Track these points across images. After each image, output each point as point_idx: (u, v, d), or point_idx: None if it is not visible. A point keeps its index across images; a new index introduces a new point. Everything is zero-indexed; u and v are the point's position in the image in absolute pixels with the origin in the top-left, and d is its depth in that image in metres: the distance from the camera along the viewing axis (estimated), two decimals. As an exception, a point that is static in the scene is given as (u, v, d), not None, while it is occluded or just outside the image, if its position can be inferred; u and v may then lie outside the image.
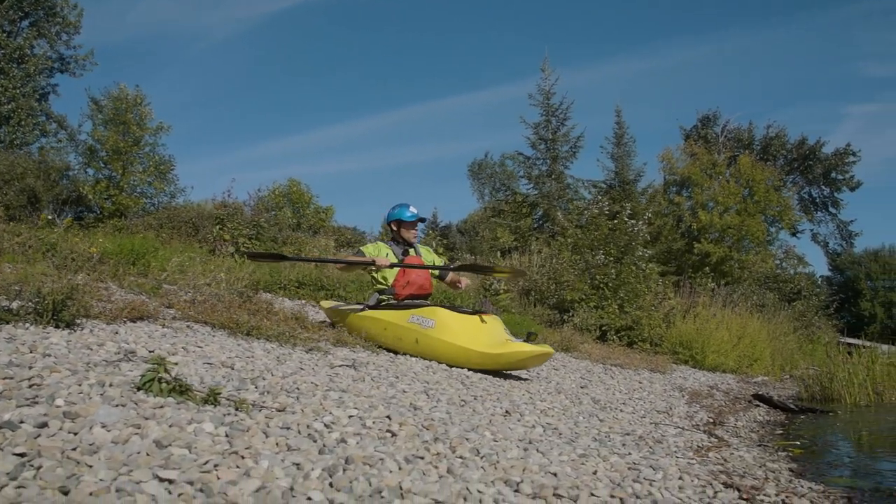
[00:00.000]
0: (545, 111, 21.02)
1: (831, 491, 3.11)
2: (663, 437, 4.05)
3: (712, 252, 23.91)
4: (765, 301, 18.71)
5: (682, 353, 11.55)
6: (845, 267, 60.96)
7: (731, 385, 9.45)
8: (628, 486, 2.47)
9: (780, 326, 16.19)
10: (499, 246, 18.87)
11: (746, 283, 21.72)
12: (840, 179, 34.85)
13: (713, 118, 32.83)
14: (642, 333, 11.70)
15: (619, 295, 12.05)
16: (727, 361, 11.71)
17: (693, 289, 17.37)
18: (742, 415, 6.62)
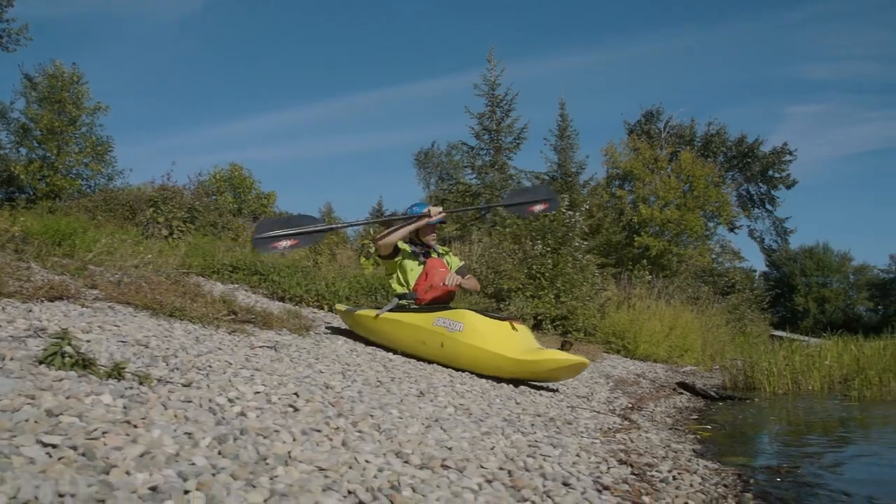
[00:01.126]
0: (490, 102, 21.13)
1: (724, 469, 3.26)
2: (576, 420, 4.17)
3: (652, 245, 24.36)
4: (699, 294, 19.16)
5: (615, 343, 11.81)
6: (782, 263, 62.63)
7: (659, 374, 9.70)
8: (520, 461, 2.57)
9: (713, 319, 16.61)
10: (440, 235, 18.92)
11: (683, 276, 22.20)
12: (777, 177, 35.81)
13: (656, 114, 33.43)
14: (577, 323, 11.90)
15: (556, 285, 12.22)
16: (658, 351, 12.00)
17: (630, 281, 17.73)
18: (663, 401, 6.82)
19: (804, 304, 61.73)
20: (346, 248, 12.45)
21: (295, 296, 7.75)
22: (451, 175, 22.32)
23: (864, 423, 5.47)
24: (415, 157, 43.09)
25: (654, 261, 24.00)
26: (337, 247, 12.00)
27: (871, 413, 6.10)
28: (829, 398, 7.59)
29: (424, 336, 5.37)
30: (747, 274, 30.68)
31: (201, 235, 10.71)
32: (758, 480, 3.06)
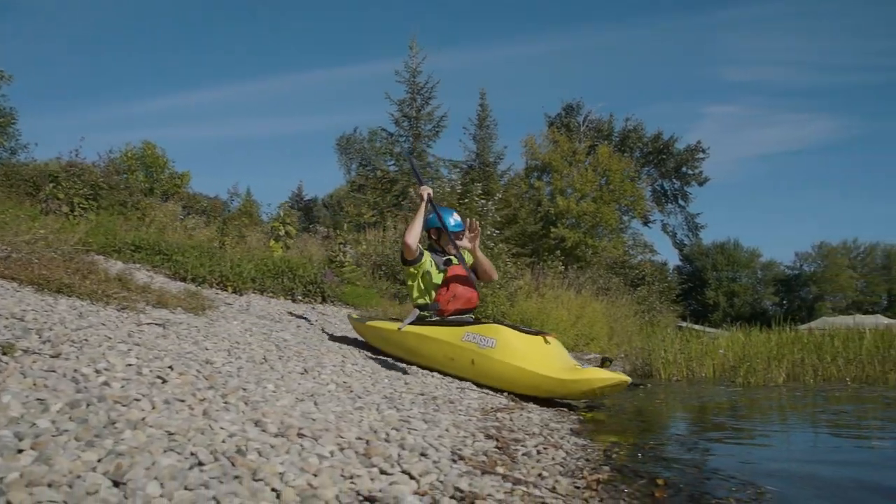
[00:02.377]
0: (411, 89, 21.17)
1: (593, 446, 3.40)
2: (461, 400, 4.27)
3: (568, 237, 24.87)
4: (610, 285, 19.65)
5: (523, 330, 12.02)
6: (694, 258, 64.63)
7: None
8: (384, 433, 2.65)
9: (622, 309, 17.09)
10: (356, 221, 18.91)
11: (595, 267, 22.72)
12: (690, 174, 36.89)
13: (576, 107, 34.04)
14: (486, 310, 12.07)
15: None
16: (565, 339, 12.27)
17: (544, 271, 18.06)
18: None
19: (714, 298, 63.91)
20: (256, 231, 12.33)
21: (198, 276, 7.66)
22: (370, 162, 22.23)
23: (742, 407, 5.74)
24: (337, 142, 42.81)
25: (569, 252, 24.48)
26: (247, 228, 11.87)
27: (752, 397, 6.40)
28: (718, 384, 7.93)
29: (454, 352, 5.05)
30: (658, 267, 31.59)
31: (109, 214, 10.45)
32: (621, 456, 3.20)
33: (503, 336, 4.84)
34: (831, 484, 2.86)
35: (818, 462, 3.38)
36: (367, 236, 14.88)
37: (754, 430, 4.33)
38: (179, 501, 1.56)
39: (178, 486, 1.63)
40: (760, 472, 3.02)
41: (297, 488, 1.80)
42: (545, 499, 2.15)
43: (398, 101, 21.19)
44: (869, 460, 3.36)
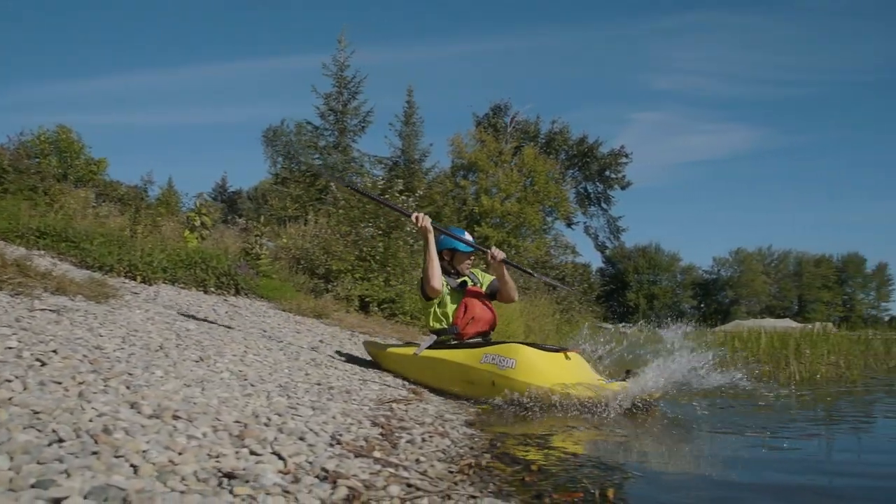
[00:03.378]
0: (338, 83, 21.10)
1: (482, 436, 3.50)
2: (358, 390, 4.33)
3: (491, 236, 25.11)
4: (529, 284, 19.92)
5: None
6: (617, 260, 66.05)
7: (475, 356, 10.08)
8: (265, 417, 2.70)
9: (540, 308, 17.35)
10: (278, 215, 18.74)
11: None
12: (613, 178, 37.65)
13: (504, 108, 34.35)
14: (404, 306, 12.14)
15: (387, 268, 12.41)
16: (480, 336, 12.42)
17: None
18: (467, 380, 7.13)
19: (635, 300, 65.44)
20: (171, 220, 12.12)
21: (105, 265, 7.52)
22: (296, 155, 22.04)
23: (639, 402, 5.95)
24: (263, 134, 42.16)
25: (493, 251, 24.71)
26: (163, 218, 11.66)
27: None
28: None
29: (472, 375, 4.89)
30: (579, 268, 32.16)
31: (15, 199, 10.12)
32: (505, 445, 3.30)
33: (523, 355, 4.70)
34: (693, 475, 3.02)
35: (688, 455, 3.55)
36: (289, 230, 14.80)
37: (641, 424, 4.49)
38: (27, 474, 1.58)
39: (29, 461, 1.65)
40: (631, 460, 3.18)
41: (158, 465, 1.83)
42: (410, 479, 2.23)
43: (325, 94, 21.09)
44: (740, 456, 3.54)
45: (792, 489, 2.75)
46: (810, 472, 3.02)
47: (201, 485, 1.77)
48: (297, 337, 6.86)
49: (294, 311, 8.90)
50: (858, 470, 3.25)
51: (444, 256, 5.57)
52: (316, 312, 9.18)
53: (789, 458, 3.40)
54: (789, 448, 3.61)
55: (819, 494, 2.64)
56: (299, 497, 1.83)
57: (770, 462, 3.28)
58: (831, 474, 3.03)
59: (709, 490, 2.68)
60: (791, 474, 3.02)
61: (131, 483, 1.65)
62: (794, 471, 3.08)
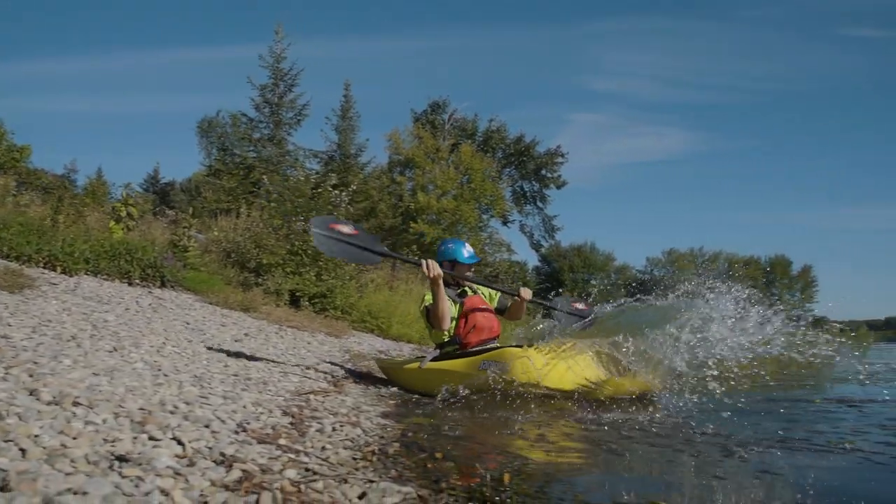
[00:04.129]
0: (274, 75, 20.89)
1: (396, 426, 3.56)
2: (278, 382, 4.36)
3: (427, 232, 25.14)
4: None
5: (370, 322, 12.17)
6: (552, 259, 66.79)
7: (405, 352, 10.12)
8: (172, 405, 2.72)
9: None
10: (211, 207, 18.47)
11: (451, 263, 23.06)
12: (549, 177, 38.07)
13: (442, 105, 34.41)
14: (335, 301, 12.12)
15: (319, 263, 12.37)
16: (411, 332, 12.49)
17: (401, 265, 18.24)
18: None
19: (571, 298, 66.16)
20: (97, 210, 11.87)
21: (22, 255, 7.35)
22: (230, 147, 21.74)
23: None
24: (198, 124, 41.44)
25: (428, 247, 24.79)
26: (87, 208, 11.41)
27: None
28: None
29: (474, 382, 4.91)
30: (514, 265, 32.51)
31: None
32: (417, 435, 3.37)
33: (517, 360, 4.74)
34: (595, 466, 3.14)
35: (595, 448, 3.67)
36: (221, 223, 14.61)
37: (552, 413, 4.60)
38: None
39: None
40: (539, 450, 3.28)
41: (48, 448, 1.85)
42: (310, 464, 2.28)
43: (260, 86, 20.87)
44: (628, 447, 3.67)
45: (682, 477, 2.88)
46: (711, 465, 3.15)
47: (90, 467, 1.79)
48: (222, 330, 6.83)
49: (221, 305, 8.84)
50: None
51: (444, 267, 5.49)
52: (244, 306, 9.12)
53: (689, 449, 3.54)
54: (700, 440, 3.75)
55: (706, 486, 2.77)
56: (189, 479, 1.87)
57: (671, 453, 3.41)
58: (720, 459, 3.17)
59: (606, 478, 2.80)
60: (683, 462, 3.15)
61: (15, 465, 1.66)
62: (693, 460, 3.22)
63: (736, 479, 2.68)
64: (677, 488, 2.61)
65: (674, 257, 77.14)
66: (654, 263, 76.93)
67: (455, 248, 5.65)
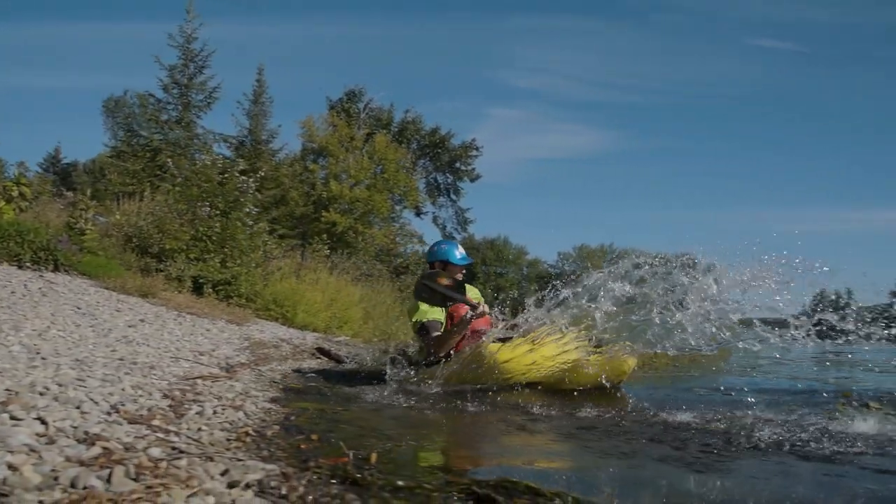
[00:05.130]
0: (184, 55, 20.35)
1: (281, 410, 3.59)
2: (167, 367, 4.30)
3: (339, 222, 24.98)
4: (373, 271, 20.07)
5: (275, 311, 12.05)
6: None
7: (308, 340, 10.04)
8: (43, 387, 2.67)
9: (382, 295, 17.52)
10: (115, 190, 17.87)
11: (361, 253, 23.04)
12: (463, 170, 38.27)
13: (358, 94, 34.12)
14: (239, 289, 11.95)
15: (224, 249, 12.16)
16: (316, 321, 12.43)
17: (309, 253, 18.10)
18: (292, 362, 7.17)
19: (483, 291, 66.87)
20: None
21: None
22: (136, 129, 21.04)
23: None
24: (104, 104, 40.00)
25: (339, 237, 24.65)
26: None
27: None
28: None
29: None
30: (422, 257, 32.56)
31: None
32: (299, 419, 3.39)
33: (486, 356, 4.73)
34: (463, 444, 3.22)
35: (470, 428, 3.75)
36: (125, 206, 14.18)
37: (441, 399, 4.65)
38: None
39: None
40: (415, 430, 3.34)
41: None
42: (178, 444, 2.29)
43: (169, 66, 20.29)
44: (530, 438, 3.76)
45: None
46: (563, 440, 3.25)
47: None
48: (115, 315, 6.66)
49: (118, 290, 8.61)
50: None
51: (436, 267, 5.58)
52: (142, 291, 8.91)
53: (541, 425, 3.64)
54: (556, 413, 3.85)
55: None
56: (44, 455, 1.86)
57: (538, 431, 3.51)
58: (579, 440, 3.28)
59: (474, 455, 2.88)
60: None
61: None
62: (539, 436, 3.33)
63: (624, 460, 2.78)
64: (526, 461, 2.71)
65: (585, 253, 78.75)
66: (566, 258, 78.27)
67: (448, 250, 5.70)
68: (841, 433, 3.15)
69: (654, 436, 3.16)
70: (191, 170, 13.71)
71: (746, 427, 3.29)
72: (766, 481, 2.41)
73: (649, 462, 2.79)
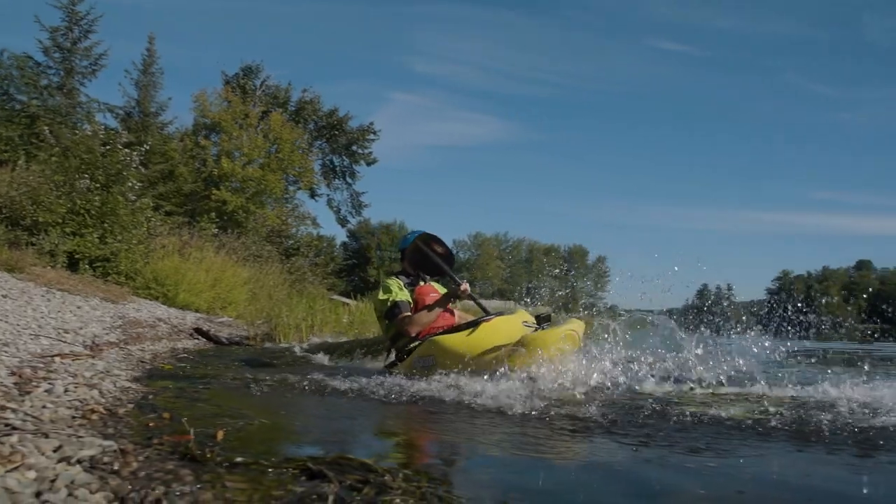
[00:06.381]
0: (69, 17, 19.33)
1: (140, 390, 3.54)
2: (24, 344, 4.17)
3: (230, 200, 24.32)
4: (263, 252, 19.70)
5: (156, 290, 11.67)
6: (361, 235, 66.98)
7: (188, 321, 9.78)
8: None
9: (270, 277, 17.24)
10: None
11: (251, 233, 22.56)
12: (360, 153, 37.94)
13: (255, 70, 33.28)
14: (118, 266, 11.52)
15: (104, 225, 11.67)
16: (199, 301, 12.12)
17: (197, 232, 17.58)
18: (167, 342, 6.98)
19: (376, 276, 66.62)
20: None
21: None
22: (12, 93, 19.78)
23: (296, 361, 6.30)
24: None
25: (230, 216, 24.01)
26: None
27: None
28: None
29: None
30: (316, 239, 32.27)
31: None
32: (156, 398, 3.34)
33: (438, 347, 4.59)
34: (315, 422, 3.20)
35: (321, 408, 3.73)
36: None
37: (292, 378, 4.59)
38: None
39: None
40: (277, 409, 3.31)
41: None
42: (11, 420, 2.23)
43: (51, 28, 19.23)
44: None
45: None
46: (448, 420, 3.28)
47: None
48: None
49: (-22, 263, 8.16)
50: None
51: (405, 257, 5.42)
52: (8, 266, 8.45)
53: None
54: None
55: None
56: None
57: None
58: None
59: (319, 434, 2.86)
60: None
61: None
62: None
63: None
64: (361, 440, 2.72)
65: (480, 241, 79.87)
66: (461, 246, 79.17)
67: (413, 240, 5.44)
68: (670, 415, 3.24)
69: (492, 419, 3.21)
70: (71, 139, 13.06)
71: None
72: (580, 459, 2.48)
73: (486, 443, 2.83)
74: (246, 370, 5.05)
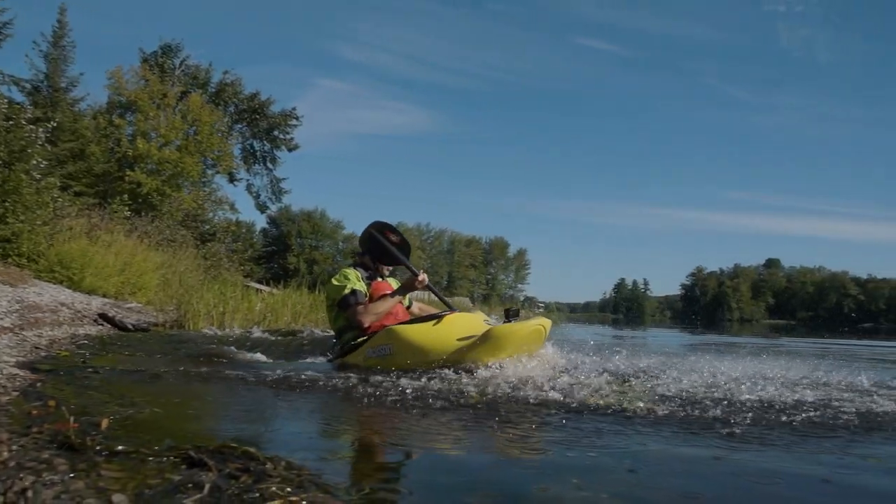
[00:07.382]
0: (-30, -17, 18.42)
1: (24, 375, 3.42)
2: None
3: (144, 182, 23.59)
4: (177, 237, 19.19)
5: (60, 273, 11.21)
6: (281, 222, 66.06)
7: (93, 306, 9.42)
8: None
9: (184, 262, 16.79)
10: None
11: (166, 217, 21.96)
12: (281, 139, 37.33)
13: (175, 49, 32.34)
14: (20, 248, 11.03)
15: (6, 204, 11.14)
16: (107, 286, 11.70)
17: (108, 214, 16.98)
18: (68, 328, 6.72)
19: (296, 264, 65.89)
20: None
21: None
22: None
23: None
24: None
25: (144, 199, 23.31)
26: None
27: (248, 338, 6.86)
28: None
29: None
30: (233, 224, 31.63)
31: None
32: (44, 386, 3.22)
33: (396, 336, 4.46)
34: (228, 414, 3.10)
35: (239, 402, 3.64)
36: None
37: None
38: None
39: None
40: (170, 397, 3.20)
41: None
42: None
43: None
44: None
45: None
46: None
47: None
48: None
49: None
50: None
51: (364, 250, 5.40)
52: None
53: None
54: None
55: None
56: None
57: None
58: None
59: (209, 422, 2.77)
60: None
61: None
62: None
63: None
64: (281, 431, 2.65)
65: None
66: (382, 235, 78.85)
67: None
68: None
69: (389, 404, 3.17)
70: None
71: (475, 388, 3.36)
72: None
73: (396, 434, 2.79)
74: (147, 358, 4.89)
